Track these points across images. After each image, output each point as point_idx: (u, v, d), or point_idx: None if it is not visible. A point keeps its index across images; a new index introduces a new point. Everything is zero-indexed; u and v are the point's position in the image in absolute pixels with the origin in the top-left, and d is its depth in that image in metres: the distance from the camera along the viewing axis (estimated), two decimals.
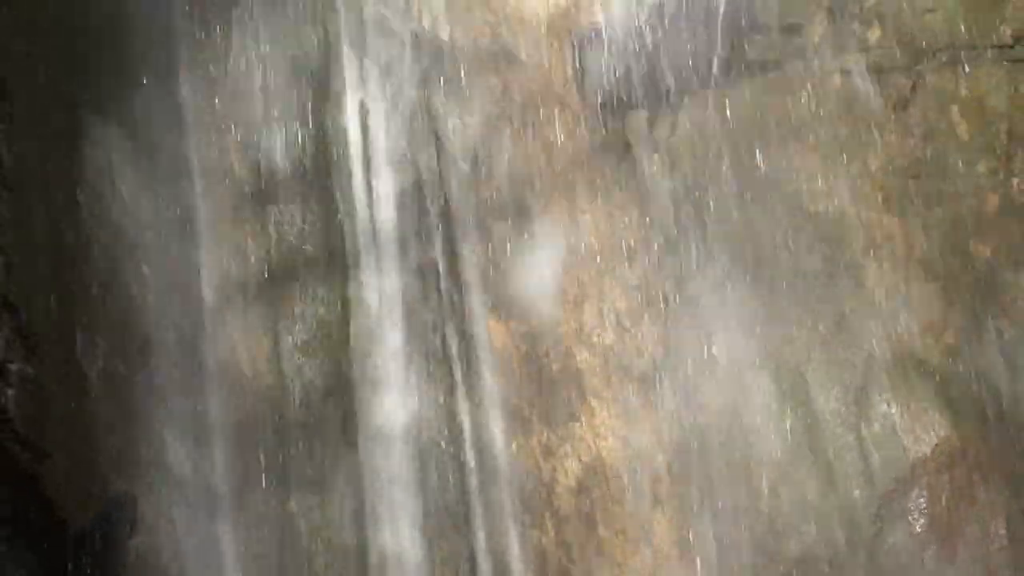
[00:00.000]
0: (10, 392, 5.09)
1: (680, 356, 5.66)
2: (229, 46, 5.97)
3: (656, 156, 5.75)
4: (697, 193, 5.69)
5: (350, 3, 5.89)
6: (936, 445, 5.43)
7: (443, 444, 5.79)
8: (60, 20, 5.66)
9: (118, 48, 5.75)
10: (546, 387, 5.78)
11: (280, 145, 5.87)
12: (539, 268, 5.80)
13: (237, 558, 5.68)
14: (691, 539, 5.60)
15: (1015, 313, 5.44)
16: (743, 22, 5.65)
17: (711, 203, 5.67)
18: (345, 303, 5.83)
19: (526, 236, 5.81)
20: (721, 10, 5.66)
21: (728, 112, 5.67)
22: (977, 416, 5.42)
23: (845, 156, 5.59)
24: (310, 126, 5.89)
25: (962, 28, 5.51)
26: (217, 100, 5.87)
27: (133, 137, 5.73)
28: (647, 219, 5.75)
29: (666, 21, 5.70)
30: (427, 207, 5.87)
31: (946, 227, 5.50)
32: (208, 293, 5.76)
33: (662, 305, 5.72)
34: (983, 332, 5.45)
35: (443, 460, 5.78)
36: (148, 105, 5.74)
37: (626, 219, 5.76)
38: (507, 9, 5.84)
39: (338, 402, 5.77)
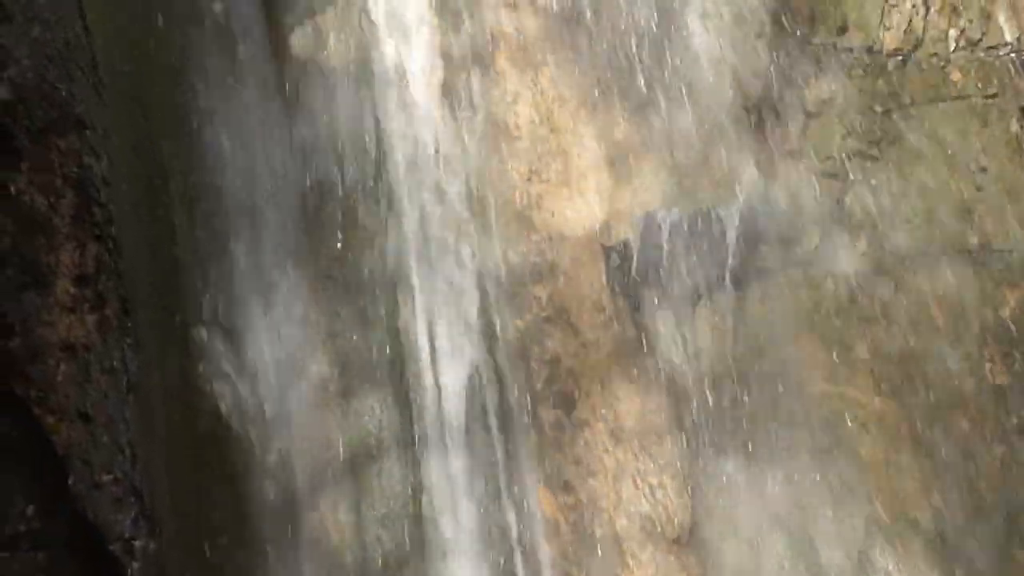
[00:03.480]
0: (135, 565, 5.05)
1: (705, 522, 5.95)
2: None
3: (680, 350, 6.11)
4: (716, 381, 6.07)
5: (415, 228, 6.18)
6: None
7: None
8: (160, 248, 5.92)
9: (218, 266, 6.01)
10: (590, 550, 5.92)
11: (361, 348, 6.03)
12: (582, 448, 6.01)
13: None
14: None
15: (993, 479, 5.90)
16: (750, 236, 6.17)
17: (728, 390, 6.05)
18: (417, 481, 5.93)
19: (570, 421, 6.03)
20: (731, 228, 6.16)
21: (740, 312, 6.13)
22: (967, 572, 5.85)
23: (841, 346, 6.10)
24: (386, 332, 6.05)
25: (937, 237, 6.13)
26: (300, 312, 6.04)
27: (230, 343, 5.95)
28: (675, 404, 6.06)
29: (685, 236, 6.17)
30: (485, 399, 6.03)
31: (929, 406, 6.00)
32: (300, 475, 5.86)
33: (689, 478, 5.99)
34: (967, 496, 5.91)
35: None
36: (240, 316, 5.98)
37: (656, 405, 6.06)
38: (551, 229, 6.21)
39: (413, 566, 5.87)
